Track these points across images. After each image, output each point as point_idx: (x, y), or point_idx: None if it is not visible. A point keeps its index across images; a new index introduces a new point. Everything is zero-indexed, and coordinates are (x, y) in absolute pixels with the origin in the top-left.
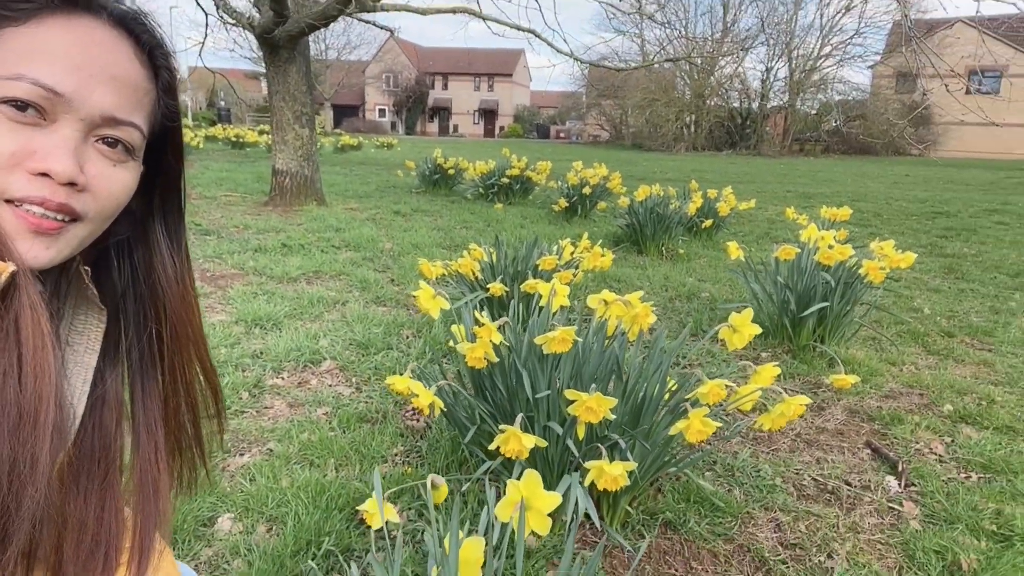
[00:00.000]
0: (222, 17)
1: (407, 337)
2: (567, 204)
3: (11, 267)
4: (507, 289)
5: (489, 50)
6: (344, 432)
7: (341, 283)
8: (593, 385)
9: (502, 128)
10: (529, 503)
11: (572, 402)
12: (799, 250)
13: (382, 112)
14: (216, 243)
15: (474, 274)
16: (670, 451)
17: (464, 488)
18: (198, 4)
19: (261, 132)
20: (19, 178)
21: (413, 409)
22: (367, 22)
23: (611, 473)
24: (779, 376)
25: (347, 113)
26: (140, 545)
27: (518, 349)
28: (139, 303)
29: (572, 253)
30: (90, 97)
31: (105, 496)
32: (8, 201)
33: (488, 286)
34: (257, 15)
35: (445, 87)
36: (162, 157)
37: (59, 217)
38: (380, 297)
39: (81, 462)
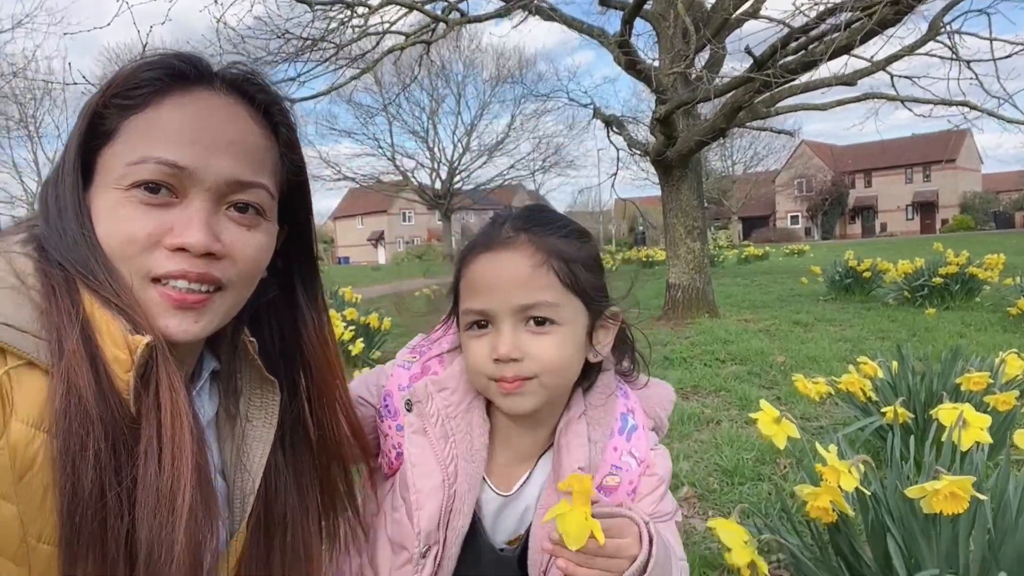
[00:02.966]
0: (631, 150)
1: (784, 467)
2: None
3: (147, 338)
4: (911, 415)
5: (922, 136)
6: None
7: (719, 400)
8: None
9: (945, 221)
10: None
11: None
12: None
13: (794, 219)
14: None
15: (865, 393)
16: None
17: None
18: (610, 142)
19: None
20: (159, 256)
21: (778, 560)
22: (763, 129)
23: None
24: None
25: (756, 224)
26: None
27: (888, 502)
28: (288, 364)
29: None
30: (211, 165)
31: (286, 563)
32: (154, 280)
33: (884, 410)
34: (652, 141)
35: (868, 184)
36: (294, 213)
37: (202, 288)
38: None
39: (256, 534)
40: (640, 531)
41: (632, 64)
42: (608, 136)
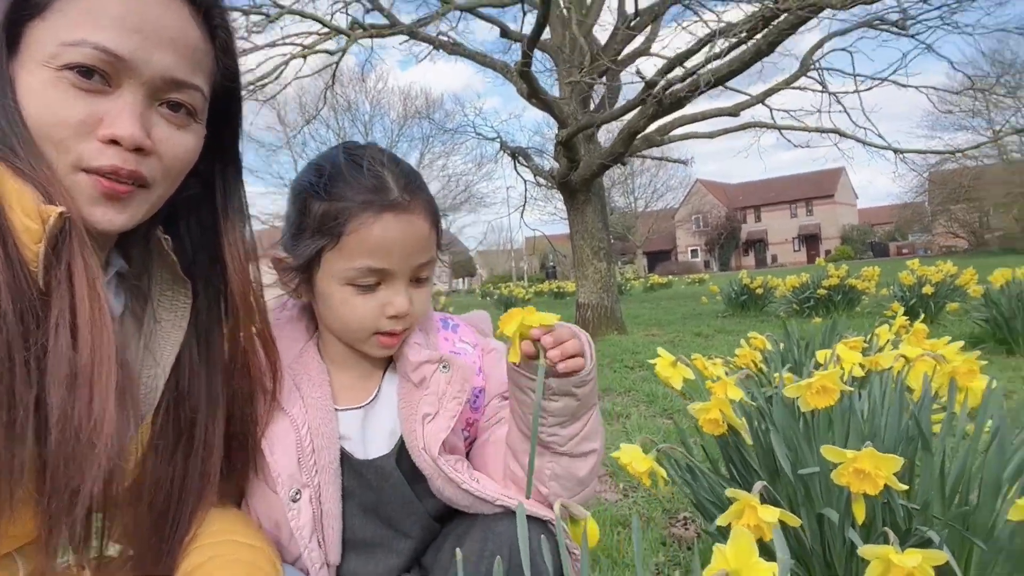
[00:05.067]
0: (537, 179)
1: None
2: (903, 309)
3: (60, 208)
4: (796, 378)
5: (803, 175)
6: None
7: (628, 398)
8: (868, 443)
9: (828, 252)
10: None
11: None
12: None
13: (694, 252)
14: None
15: (756, 365)
16: None
17: None
18: (517, 174)
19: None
20: (91, 146)
21: (684, 518)
22: (660, 159)
23: (903, 565)
24: None
25: (660, 258)
26: (185, 510)
27: (771, 413)
28: (206, 269)
29: (893, 333)
30: (150, 59)
31: (188, 466)
32: (84, 170)
33: (773, 376)
34: (557, 167)
35: (758, 219)
36: (223, 118)
37: (129, 182)
38: (667, 409)
39: (165, 430)
40: (580, 339)
41: (534, 92)
42: (515, 168)
